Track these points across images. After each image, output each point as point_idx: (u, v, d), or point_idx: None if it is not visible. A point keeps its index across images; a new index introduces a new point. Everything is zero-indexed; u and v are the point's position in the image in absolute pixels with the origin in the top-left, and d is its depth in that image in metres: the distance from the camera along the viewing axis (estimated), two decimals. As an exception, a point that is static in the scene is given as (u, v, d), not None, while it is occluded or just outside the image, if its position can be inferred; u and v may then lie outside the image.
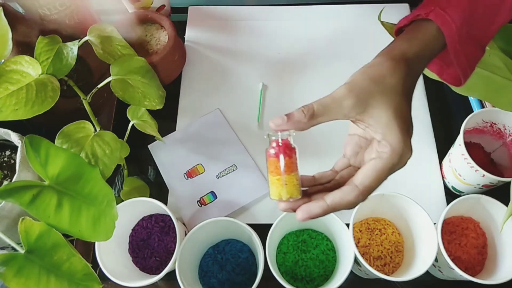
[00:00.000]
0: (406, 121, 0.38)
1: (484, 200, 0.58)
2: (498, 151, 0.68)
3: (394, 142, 0.37)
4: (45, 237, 0.48)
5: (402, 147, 0.37)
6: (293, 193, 0.39)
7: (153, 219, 0.66)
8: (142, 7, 0.82)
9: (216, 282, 0.63)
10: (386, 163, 0.37)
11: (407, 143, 0.38)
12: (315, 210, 0.38)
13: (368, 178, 0.38)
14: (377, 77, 0.38)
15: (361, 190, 0.38)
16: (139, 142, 0.73)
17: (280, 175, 0.38)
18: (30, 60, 0.57)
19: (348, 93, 0.38)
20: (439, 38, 0.41)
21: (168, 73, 0.79)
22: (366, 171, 0.38)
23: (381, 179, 0.38)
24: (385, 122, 0.38)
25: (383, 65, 0.39)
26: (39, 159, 0.51)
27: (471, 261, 0.60)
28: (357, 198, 0.38)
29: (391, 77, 0.38)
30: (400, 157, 0.37)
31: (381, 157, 0.37)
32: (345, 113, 0.38)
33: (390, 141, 0.37)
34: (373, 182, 0.38)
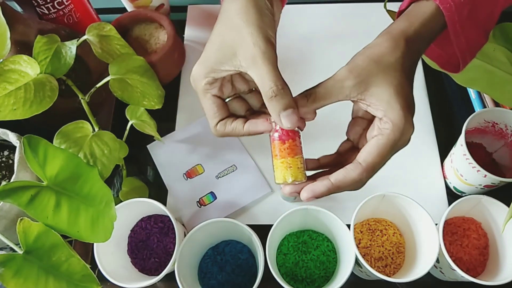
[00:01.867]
0: (407, 99, 0.38)
1: (486, 200, 0.57)
2: (500, 151, 0.68)
3: (395, 118, 0.37)
4: (44, 238, 0.48)
5: (403, 123, 0.37)
6: (297, 176, 0.39)
7: (152, 220, 0.66)
8: (141, 5, 0.81)
9: (216, 284, 0.62)
10: (388, 139, 0.38)
11: (408, 119, 0.38)
12: (320, 188, 0.38)
13: (371, 155, 0.38)
14: (377, 57, 0.39)
15: (364, 167, 0.38)
16: (138, 142, 0.73)
17: (284, 158, 0.39)
18: (29, 60, 0.57)
19: (348, 74, 0.38)
20: (438, 16, 0.41)
21: (167, 73, 0.79)
22: (368, 148, 0.38)
23: (384, 156, 0.38)
24: (386, 99, 0.38)
25: (383, 45, 0.39)
26: (37, 159, 0.50)
27: (472, 262, 0.60)
28: (361, 175, 0.38)
29: (390, 56, 0.39)
30: (402, 133, 0.38)
31: (383, 134, 0.38)
32: (346, 94, 0.39)
33: (392, 117, 0.37)
34: (376, 158, 0.38)
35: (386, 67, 0.38)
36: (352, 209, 0.56)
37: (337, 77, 0.39)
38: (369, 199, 0.57)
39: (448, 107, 0.77)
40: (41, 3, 0.71)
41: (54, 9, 0.73)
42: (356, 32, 0.84)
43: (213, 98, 0.43)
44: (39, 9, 0.72)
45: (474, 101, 0.75)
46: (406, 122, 0.38)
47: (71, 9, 0.75)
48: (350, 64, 0.39)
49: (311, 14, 0.87)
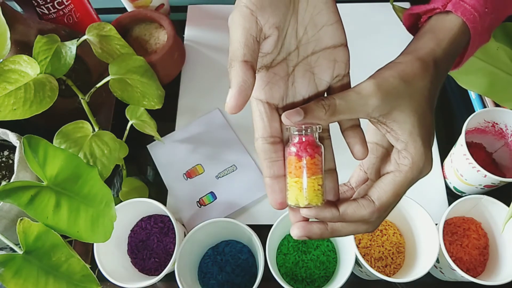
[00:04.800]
0: (429, 131, 0.34)
1: (486, 200, 0.57)
2: (500, 151, 0.68)
3: (416, 155, 0.33)
4: (44, 238, 0.48)
5: (423, 161, 0.33)
6: (312, 199, 0.33)
7: (152, 220, 0.66)
8: (141, 5, 0.81)
9: (216, 284, 0.62)
10: (406, 177, 0.34)
11: (428, 156, 0.34)
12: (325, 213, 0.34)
13: (386, 193, 0.34)
14: (407, 77, 0.34)
15: (378, 206, 0.34)
16: (138, 142, 0.73)
17: (299, 178, 0.33)
18: (29, 60, 0.57)
19: (376, 90, 0.33)
20: (465, 32, 0.37)
21: (167, 73, 0.79)
22: (383, 186, 0.34)
23: (400, 195, 0.34)
24: (409, 129, 0.33)
25: (414, 65, 0.34)
26: (37, 159, 0.50)
27: (472, 262, 0.60)
28: (371, 214, 0.34)
29: (421, 79, 0.34)
30: (420, 172, 0.34)
31: (400, 170, 0.34)
32: (368, 112, 0.33)
33: (413, 154, 0.33)
34: (391, 197, 0.34)
35: (414, 91, 0.34)
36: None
37: (362, 90, 0.33)
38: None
39: (448, 107, 0.77)
40: (41, 3, 0.71)
41: (54, 9, 0.73)
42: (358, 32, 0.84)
43: None
44: (39, 9, 0.72)
45: (474, 101, 0.75)
46: (426, 159, 0.34)
47: (71, 9, 0.75)
48: (378, 79, 0.33)
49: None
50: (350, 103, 0.33)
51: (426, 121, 0.34)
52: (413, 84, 0.34)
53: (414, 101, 0.34)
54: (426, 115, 0.34)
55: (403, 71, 0.34)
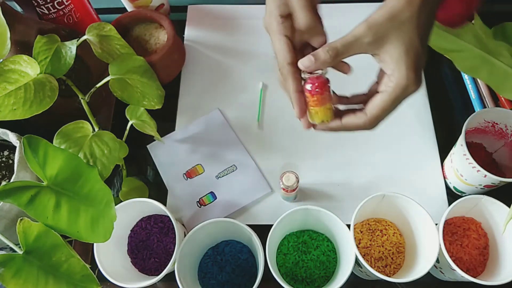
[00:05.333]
0: (416, 56, 0.41)
1: (486, 200, 0.57)
2: (500, 151, 0.68)
3: (399, 78, 0.41)
4: (44, 238, 0.48)
5: (406, 83, 0.41)
6: (324, 118, 0.46)
7: (152, 220, 0.66)
8: (141, 5, 0.81)
9: (216, 284, 0.62)
10: (390, 96, 0.43)
11: (411, 77, 0.41)
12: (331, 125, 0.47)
13: (375, 109, 0.44)
14: (394, 12, 0.41)
15: (369, 117, 0.45)
16: (138, 142, 0.73)
17: (313, 107, 0.45)
18: (29, 60, 0.57)
19: (367, 31, 0.41)
20: None
21: (167, 73, 0.79)
22: (374, 102, 0.44)
23: (387, 109, 0.44)
24: (396, 58, 0.41)
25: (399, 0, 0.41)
26: (37, 159, 0.50)
27: (472, 262, 0.60)
28: (364, 123, 0.45)
29: (406, 10, 0.40)
30: (403, 91, 0.42)
31: (387, 91, 0.43)
32: (364, 49, 0.42)
33: (397, 77, 0.42)
34: (379, 111, 0.44)
35: (401, 23, 0.41)
36: (352, 209, 0.56)
37: (356, 33, 0.42)
38: (369, 199, 0.57)
39: (448, 107, 0.77)
40: (41, 3, 0.71)
41: (54, 9, 0.73)
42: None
43: (285, 39, 0.45)
44: (39, 9, 0.72)
45: (474, 101, 0.75)
46: (409, 81, 0.41)
47: (71, 9, 0.75)
48: (369, 20, 0.41)
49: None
50: (348, 46, 0.42)
51: (413, 47, 0.41)
52: (399, 17, 0.41)
53: (402, 32, 0.41)
54: (414, 42, 0.41)
55: (391, 7, 0.41)
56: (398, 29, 0.41)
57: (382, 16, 0.41)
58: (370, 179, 0.71)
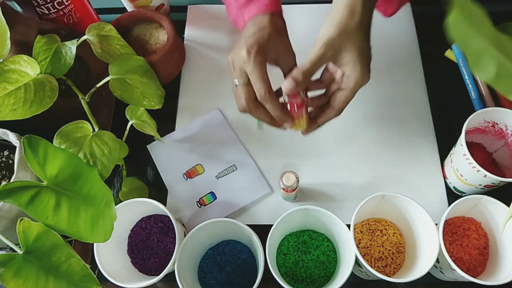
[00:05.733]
0: (366, 57, 0.51)
1: (486, 200, 0.57)
2: (500, 151, 0.67)
3: (357, 76, 0.51)
4: (44, 238, 0.48)
5: (361, 79, 0.51)
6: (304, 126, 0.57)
7: (152, 220, 0.66)
8: (141, 5, 0.81)
9: (216, 284, 0.62)
10: (351, 91, 0.53)
11: (364, 74, 0.51)
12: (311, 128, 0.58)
13: (340, 102, 0.54)
14: (342, 27, 0.50)
15: (336, 110, 0.55)
16: (138, 142, 0.73)
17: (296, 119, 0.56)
18: (29, 60, 0.57)
19: (327, 48, 0.50)
20: None
21: (167, 73, 0.79)
22: (338, 98, 0.54)
23: (349, 100, 0.54)
24: (353, 61, 0.51)
25: (343, 14, 0.50)
26: (37, 159, 0.50)
27: (472, 262, 0.60)
28: (334, 115, 0.56)
29: (351, 22, 0.50)
30: (360, 85, 0.52)
31: (347, 87, 0.53)
32: (327, 61, 0.52)
33: (355, 76, 0.51)
34: (344, 104, 0.54)
35: (351, 33, 0.50)
36: (352, 209, 0.56)
37: (319, 52, 0.51)
38: (369, 199, 0.57)
39: (448, 107, 0.77)
40: (41, 3, 0.71)
41: (54, 9, 0.73)
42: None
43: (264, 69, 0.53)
44: (39, 9, 0.72)
45: (474, 101, 0.75)
46: (363, 76, 0.51)
47: (71, 9, 0.75)
48: (325, 39, 0.50)
49: (311, 14, 0.87)
50: (315, 64, 0.52)
51: (363, 50, 0.51)
52: (348, 30, 0.50)
53: (353, 41, 0.50)
54: (362, 45, 0.51)
55: (339, 22, 0.50)
56: (349, 38, 0.50)
57: (334, 32, 0.50)
58: (370, 179, 0.71)
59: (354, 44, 0.50)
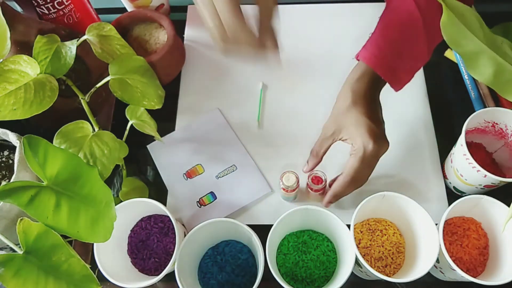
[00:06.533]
0: (366, 128, 0.56)
1: (486, 200, 0.57)
2: (500, 151, 0.67)
3: (358, 145, 0.56)
4: (44, 238, 0.48)
5: (363, 146, 0.56)
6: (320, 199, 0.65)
7: (152, 220, 0.66)
8: (141, 5, 0.81)
9: (216, 284, 0.62)
10: (356, 158, 0.56)
11: (367, 140, 0.55)
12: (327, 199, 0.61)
13: (347, 169, 0.58)
14: (338, 109, 0.59)
15: (344, 175, 0.58)
16: (138, 142, 0.73)
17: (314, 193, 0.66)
18: (29, 60, 0.57)
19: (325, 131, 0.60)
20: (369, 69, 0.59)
21: (167, 73, 0.79)
22: (347, 165, 0.58)
23: (356, 168, 0.57)
24: (353, 134, 0.57)
25: (340, 98, 0.59)
26: (38, 159, 0.50)
27: (472, 262, 0.60)
28: (343, 181, 0.58)
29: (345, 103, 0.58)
30: (364, 151, 0.56)
31: (354, 155, 0.57)
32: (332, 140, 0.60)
33: (356, 144, 0.57)
34: (350, 170, 0.57)
35: (346, 112, 0.57)
36: (352, 209, 0.56)
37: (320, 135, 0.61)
38: (369, 199, 0.57)
39: (448, 107, 0.77)
40: (41, 3, 0.71)
41: (54, 9, 0.73)
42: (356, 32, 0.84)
43: None
44: (39, 9, 0.72)
45: (474, 101, 0.75)
46: (365, 144, 0.55)
47: (71, 9, 0.75)
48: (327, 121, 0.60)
49: (311, 14, 0.87)
50: (320, 144, 0.61)
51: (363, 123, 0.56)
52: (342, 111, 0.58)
53: (349, 118, 0.57)
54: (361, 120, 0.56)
55: (336, 107, 0.59)
56: (345, 116, 0.57)
57: (330, 118, 0.60)
58: (370, 179, 0.71)
59: (348, 122, 0.57)
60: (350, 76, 0.59)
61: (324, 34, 0.85)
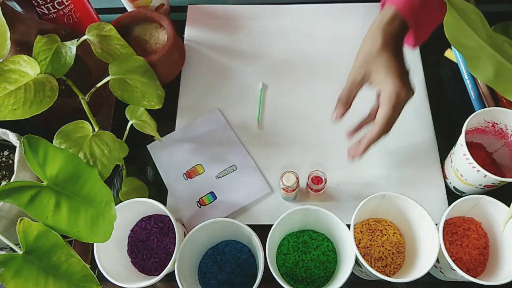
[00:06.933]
0: (396, 72, 0.56)
1: (486, 200, 0.57)
2: (500, 151, 0.67)
3: (389, 91, 0.56)
4: (44, 238, 0.48)
5: (396, 92, 0.55)
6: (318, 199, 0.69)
7: (152, 220, 0.66)
8: (141, 5, 0.81)
9: (216, 284, 0.62)
10: (388, 105, 0.56)
11: (399, 86, 0.55)
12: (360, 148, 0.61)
13: (381, 118, 0.57)
14: (366, 54, 0.57)
15: (379, 125, 0.58)
16: (138, 142, 0.73)
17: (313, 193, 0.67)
18: (29, 60, 0.57)
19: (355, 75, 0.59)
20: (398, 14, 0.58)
21: (167, 73, 0.79)
22: (378, 114, 0.58)
23: (389, 115, 0.57)
24: (381, 80, 0.56)
25: (367, 42, 0.58)
26: (37, 159, 0.50)
27: (472, 262, 0.60)
28: (378, 131, 0.58)
29: (374, 47, 0.57)
30: (397, 98, 0.55)
31: (382, 103, 0.57)
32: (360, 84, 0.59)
33: (385, 92, 0.56)
34: (384, 119, 0.57)
35: (375, 57, 0.56)
36: (352, 209, 0.56)
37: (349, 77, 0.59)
38: (369, 199, 0.57)
39: (448, 107, 0.77)
40: (41, 3, 0.71)
41: (54, 9, 0.73)
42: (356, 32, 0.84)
43: None
44: (39, 9, 0.72)
45: (474, 101, 0.75)
46: (398, 90, 0.55)
47: (71, 9, 0.75)
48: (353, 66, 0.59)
49: (311, 14, 0.87)
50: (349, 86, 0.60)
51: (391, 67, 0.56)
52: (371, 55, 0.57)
53: (378, 63, 0.56)
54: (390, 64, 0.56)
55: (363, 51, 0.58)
56: (374, 62, 0.57)
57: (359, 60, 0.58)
58: (370, 179, 0.71)
59: (379, 65, 0.56)
60: (378, 20, 0.58)
61: (324, 34, 0.85)
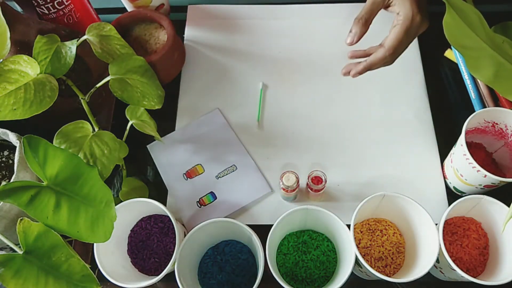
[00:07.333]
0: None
1: (486, 200, 0.57)
2: (500, 151, 0.67)
3: (406, 12, 0.55)
4: (44, 238, 0.48)
5: (412, 14, 0.55)
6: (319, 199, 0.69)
7: (152, 220, 0.66)
8: (141, 5, 0.81)
9: (216, 284, 0.62)
10: (402, 26, 0.55)
11: (415, 11, 0.55)
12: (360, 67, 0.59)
13: (391, 40, 0.56)
14: None
15: (387, 48, 0.57)
16: (138, 142, 0.73)
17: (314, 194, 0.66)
18: (29, 60, 0.57)
19: None
20: None
21: (167, 73, 0.79)
22: (389, 35, 0.57)
23: (401, 39, 0.56)
24: (400, 1, 0.56)
25: None
26: (38, 159, 0.50)
27: (472, 262, 0.60)
28: (384, 54, 0.57)
29: None
30: (412, 21, 0.55)
31: (398, 23, 0.56)
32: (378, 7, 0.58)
33: (404, 12, 0.56)
34: (394, 41, 0.56)
35: None
36: (352, 209, 0.56)
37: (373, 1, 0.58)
38: (369, 199, 0.57)
39: (448, 107, 0.77)
40: (41, 3, 0.71)
41: (54, 9, 0.73)
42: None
43: None
44: (39, 9, 0.72)
45: (474, 101, 0.75)
46: (414, 13, 0.55)
47: (71, 9, 0.75)
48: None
49: (311, 14, 0.87)
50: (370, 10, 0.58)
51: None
52: None
53: None
54: None
55: None
56: None
57: None
58: (370, 179, 0.71)
59: None
60: None
61: (324, 34, 0.85)
